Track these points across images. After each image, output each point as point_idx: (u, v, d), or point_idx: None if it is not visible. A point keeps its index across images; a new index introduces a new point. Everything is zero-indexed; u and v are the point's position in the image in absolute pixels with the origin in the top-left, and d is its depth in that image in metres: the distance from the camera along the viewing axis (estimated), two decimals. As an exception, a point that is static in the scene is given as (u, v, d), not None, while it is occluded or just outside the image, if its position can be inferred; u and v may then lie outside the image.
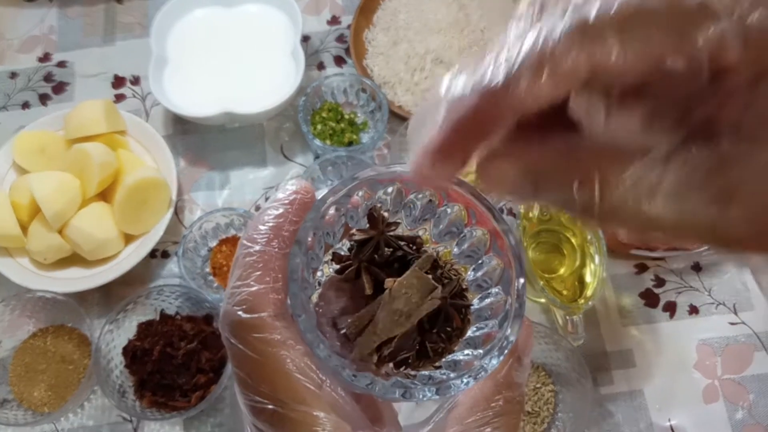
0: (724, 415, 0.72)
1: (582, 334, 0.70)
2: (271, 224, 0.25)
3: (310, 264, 0.26)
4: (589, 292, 0.70)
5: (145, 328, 0.73)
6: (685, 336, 0.76)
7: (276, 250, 0.25)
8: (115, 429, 0.72)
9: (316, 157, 0.84)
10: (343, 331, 0.26)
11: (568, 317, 0.69)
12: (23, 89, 0.90)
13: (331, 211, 0.27)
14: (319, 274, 0.28)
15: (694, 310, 0.77)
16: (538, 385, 0.73)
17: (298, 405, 0.23)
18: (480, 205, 0.27)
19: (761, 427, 0.71)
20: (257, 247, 0.25)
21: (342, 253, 0.28)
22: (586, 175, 0.19)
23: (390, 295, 0.26)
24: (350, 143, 0.82)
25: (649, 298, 0.77)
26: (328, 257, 0.28)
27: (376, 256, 0.27)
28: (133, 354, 0.71)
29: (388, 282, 0.26)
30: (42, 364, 0.73)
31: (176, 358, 0.69)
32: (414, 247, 0.28)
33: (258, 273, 0.24)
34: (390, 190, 0.28)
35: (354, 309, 0.26)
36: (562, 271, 0.73)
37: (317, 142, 0.80)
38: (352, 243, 0.28)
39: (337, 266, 0.27)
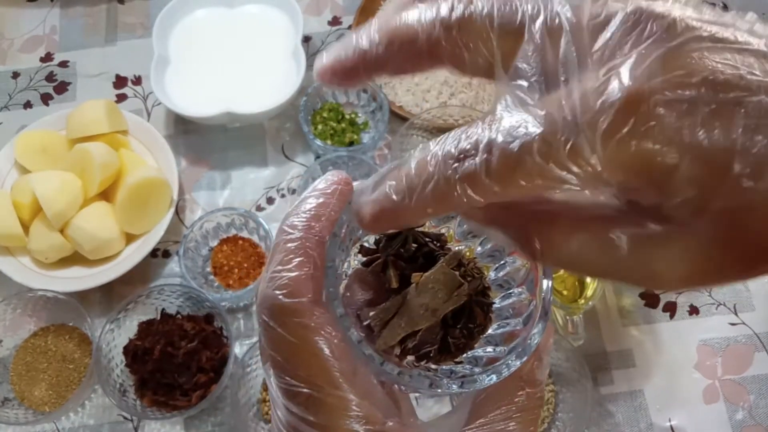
0: (725, 415, 0.72)
1: (582, 334, 0.70)
2: (312, 212, 0.26)
3: (340, 255, 0.26)
4: (589, 293, 0.70)
5: (145, 328, 0.73)
6: (685, 336, 0.76)
7: (316, 238, 0.25)
8: (115, 428, 0.72)
9: (317, 157, 0.84)
10: (366, 323, 0.26)
11: (568, 317, 0.69)
12: (25, 89, 0.90)
13: None
14: (345, 266, 0.28)
15: (694, 310, 0.77)
16: (539, 385, 0.73)
17: (333, 389, 0.23)
18: None
19: (761, 428, 0.71)
20: (298, 234, 0.25)
21: (369, 246, 0.28)
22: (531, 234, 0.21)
23: (417, 289, 0.26)
24: (351, 143, 0.82)
25: (650, 299, 0.77)
26: (355, 250, 0.29)
27: (402, 250, 0.28)
28: (133, 353, 0.71)
29: (415, 276, 0.26)
30: (43, 363, 0.74)
31: (177, 357, 0.69)
32: (438, 244, 0.28)
33: (299, 259, 0.25)
34: None
35: (377, 302, 0.27)
36: (562, 271, 0.73)
37: (318, 142, 0.80)
38: (381, 236, 0.28)
39: (364, 258, 0.28)
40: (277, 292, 0.24)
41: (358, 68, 0.22)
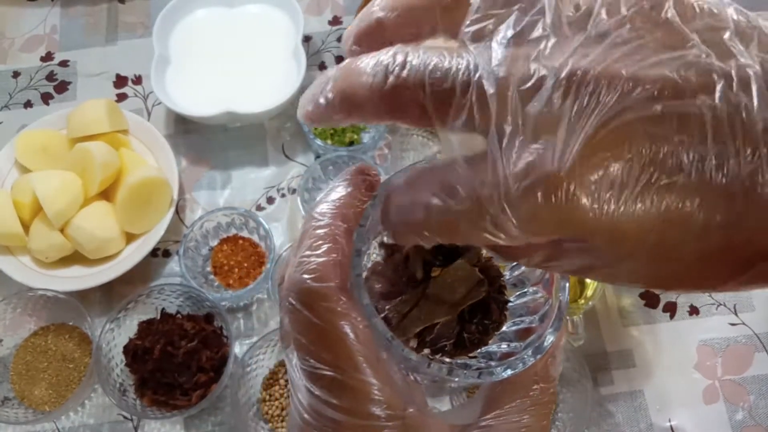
0: (725, 415, 0.72)
1: (582, 334, 0.70)
2: (341, 201, 0.26)
3: (364, 245, 0.27)
4: (589, 293, 0.70)
5: (146, 327, 0.73)
6: (685, 336, 0.76)
7: (344, 226, 0.26)
8: (115, 428, 0.72)
9: (317, 156, 0.84)
10: (383, 315, 0.27)
11: (568, 318, 0.69)
12: (25, 88, 0.90)
13: None
14: (365, 258, 0.29)
15: (694, 310, 0.77)
16: (539, 385, 0.73)
17: (357, 374, 0.24)
18: None
19: (761, 428, 0.71)
20: (327, 221, 0.26)
21: (389, 241, 0.29)
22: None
23: (436, 282, 0.26)
24: (351, 143, 0.82)
25: (650, 299, 0.77)
26: (376, 243, 0.29)
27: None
28: (134, 353, 0.71)
29: (436, 270, 0.27)
30: (43, 363, 0.74)
31: (177, 356, 0.69)
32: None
33: (328, 245, 0.25)
34: None
35: (394, 295, 0.27)
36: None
37: (318, 141, 0.80)
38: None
39: (385, 253, 0.28)
40: (306, 276, 0.25)
41: (328, 116, 0.23)
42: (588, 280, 0.71)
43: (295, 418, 0.25)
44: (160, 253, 0.80)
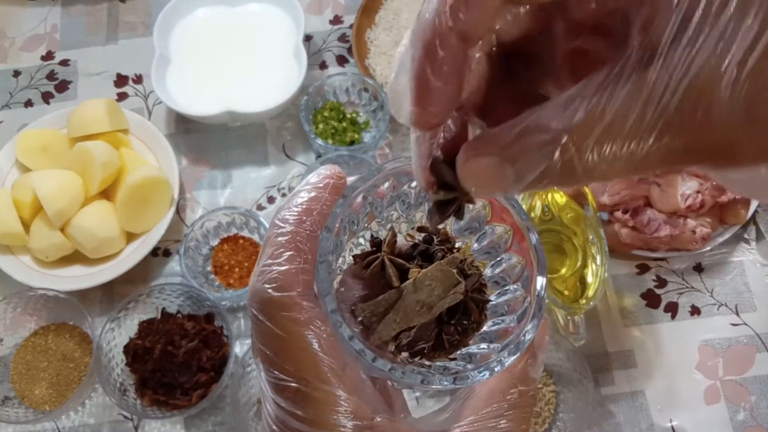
0: (726, 416, 0.72)
1: (583, 334, 0.69)
2: (303, 207, 0.26)
3: (335, 249, 0.26)
4: (590, 293, 0.70)
5: (146, 327, 0.73)
6: (686, 337, 0.75)
7: (307, 232, 0.25)
8: (115, 427, 0.72)
9: (318, 156, 0.84)
10: (360, 318, 0.26)
11: (569, 317, 0.69)
12: (26, 87, 0.90)
13: (359, 199, 0.27)
14: (340, 260, 0.28)
15: (695, 310, 0.77)
16: (540, 386, 0.72)
17: (321, 384, 0.23)
18: (504, 202, 0.27)
19: (762, 429, 0.71)
20: (289, 228, 0.25)
21: (363, 250, 0.28)
22: (559, 138, 0.19)
23: (414, 285, 0.26)
24: (352, 142, 0.82)
25: (651, 299, 0.77)
26: (351, 245, 0.29)
27: (398, 247, 0.28)
28: (134, 352, 0.71)
29: (413, 272, 0.26)
30: (43, 362, 0.73)
31: (177, 356, 0.69)
32: (448, 246, 0.28)
33: (289, 253, 0.25)
34: (414, 183, 0.28)
35: (373, 297, 0.27)
36: (563, 271, 0.73)
37: (319, 141, 0.80)
38: (377, 237, 0.28)
39: (360, 263, 0.28)
40: (267, 285, 0.24)
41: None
42: (589, 280, 0.71)
43: (265, 429, 0.25)
44: (160, 253, 0.80)
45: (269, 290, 0.24)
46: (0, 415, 0.69)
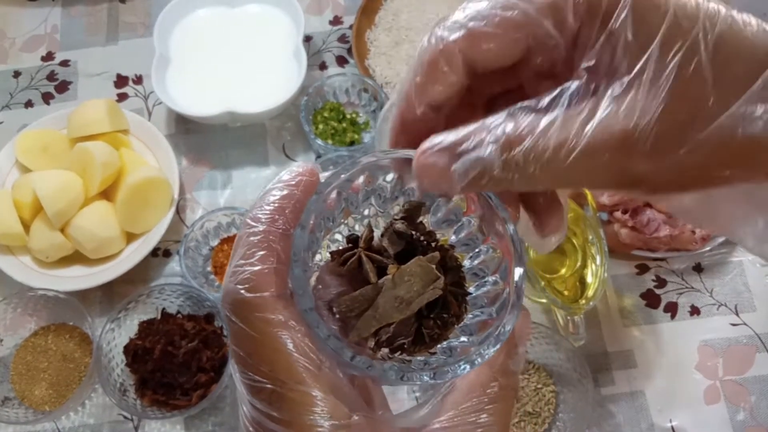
0: (726, 416, 0.72)
1: (583, 334, 0.69)
2: (275, 205, 0.25)
3: (310, 247, 0.26)
4: (590, 293, 0.70)
5: (146, 327, 0.73)
6: (686, 337, 0.75)
7: (280, 230, 0.25)
8: (115, 428, 0.72)
9: (318, 156, 0.84)
10: (337, 314, 0.26)
11: (569, 318, 0.69)
12: (26, 88, 0.90)
13: (333, 195, 0.27)
14: (317, 257, 0.28)
15: (695, 311, 0.77)
16: (539, 386, 0.72)
17: (296, 385, 0.23)
18: (481, 194, 0.27)
19: (762, 429, 0.71)
20: (261, 227, 0.25)
21: (339, 247, 0.28)
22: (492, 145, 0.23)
23: (392, 281, 0.26)
24: (352, 143, 0.82)
25: (651, 299, 0.77)
26: (327, 242, 0.28)
27: (375, 243, 0.27)
28: (134, 352, 0.71)
29: (392, 268, 0.26)
30: (43, 363, 0.74)
31: (177, 356, 0.69)
32: (430, 241, 0.28)
33: (261, 252, 0.24)
34: (390, 177, 0.28)
35: (351, 293, 0.26)
36: (563, 271, 0.73)
37: (319, 141, 0.80)
38: (352, 233, 0.28)
39: (339, 258, 0.27)
40: (239, 286, 0.24)
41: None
42: (589, 280, 0.71)
43: (242, 430, 0.25)
44: (160, 253, 0.80)
45: (242, 291, 0.24)
46: (0, 415, 0.69)
